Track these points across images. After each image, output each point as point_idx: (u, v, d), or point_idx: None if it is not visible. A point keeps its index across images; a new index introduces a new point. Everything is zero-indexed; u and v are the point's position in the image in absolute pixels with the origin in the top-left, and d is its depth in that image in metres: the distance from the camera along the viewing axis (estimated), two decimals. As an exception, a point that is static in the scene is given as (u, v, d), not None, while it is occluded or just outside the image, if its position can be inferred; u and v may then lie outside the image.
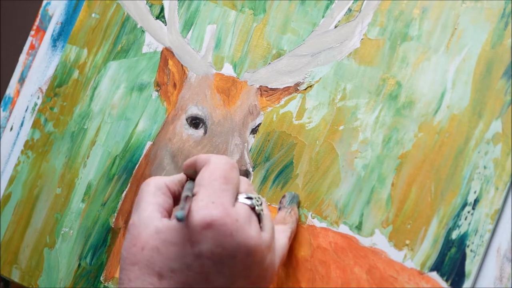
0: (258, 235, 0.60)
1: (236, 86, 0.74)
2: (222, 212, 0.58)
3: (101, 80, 0.80)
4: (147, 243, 0.59)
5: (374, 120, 0.68)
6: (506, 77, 0.64)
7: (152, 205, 0.61)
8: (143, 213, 0.60)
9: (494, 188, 0.63)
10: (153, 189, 0.62)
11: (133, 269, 0.59)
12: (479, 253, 0.62)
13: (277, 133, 0.71)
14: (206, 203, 0.59)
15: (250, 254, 0.59)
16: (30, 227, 0.80)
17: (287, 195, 0.69)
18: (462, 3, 0.67)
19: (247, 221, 0.59)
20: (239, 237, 0.58)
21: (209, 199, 0.59)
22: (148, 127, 0.77)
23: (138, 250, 0.59)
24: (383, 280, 0.64)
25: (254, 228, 0.60)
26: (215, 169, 0.61)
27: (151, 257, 0.59)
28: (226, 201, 0.59)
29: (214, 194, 0.59)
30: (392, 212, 0.65)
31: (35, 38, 0.85)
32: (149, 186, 0.62)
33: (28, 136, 0.82)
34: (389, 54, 0.68)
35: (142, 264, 0.59)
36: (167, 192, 0.62)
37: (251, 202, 0.61)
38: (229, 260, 0.58)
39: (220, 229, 0.58)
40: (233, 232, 0.58)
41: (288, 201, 0.69)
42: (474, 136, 0.64)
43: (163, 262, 0.58)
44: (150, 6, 0.80)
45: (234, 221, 0.58)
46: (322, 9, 0.72)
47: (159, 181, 0.63)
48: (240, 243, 0.58)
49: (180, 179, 0.64)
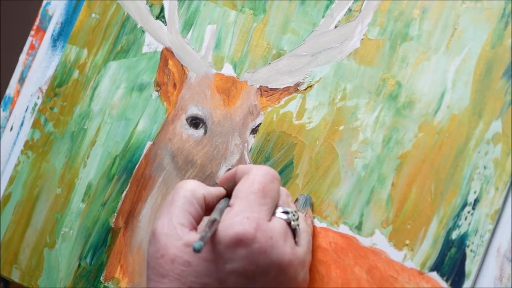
0: (292, 251, 0.59)
1: (236, 86, 0.74)
2: (256, 229, 0.57)
3: (101, 80, 0.80)
4: (176, 257, 0.57)
5: (374, 120, 0.68)
6: (506, 77, 0.64)
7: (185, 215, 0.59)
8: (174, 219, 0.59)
9: (494, 188, 0.63)
10: (189, 194, 0.60)
11: (163, 281, 0.57)
12: (479, 253, 0.62)
13: (277, 133, 0.71)
14: (240, 218, 0.57)
15: (283, 270, 0.58)
16: (30, 227, 0.80)
17: (300, 198, 0.67)
18: (462, 3, 0.67)
19: (281, 237, 0.58)
20: (273, 254, 0.57)
21: (244, 214, 0.57)
22: (148, 127, 0.77)
23: (167, 262, 0.58)
24: (383, 280, 0.64)
25: (289, 244, 0.59)
26: (254, 181, 0.60)
27: (182, 271, 0.57)
28: (261, 217, 0.58)
29: (250, 208, 0.58)
30: (392, 212, 0.65)
31: (35, 38, 0.85)
32: (187, 191, 0.60)
33: (28, 136, 0.82)
34: (389, 54, 0.68)
35: (172, 277, 0.57)
36: (202, 204, 0.61)
37: (287, 217, 0.60)
38: (262, 276, 0.57)
39: (253, 247, 0.57)
40: (267, 249, 0.57)
41: (302, 205, 0.67)
42: (474, 136, 0.64)
43: (195, 277, 0.57)
44: (150, 6, 0.80)
45: (268, 238, 0.57)
46: (322, 9, 0.72)
47: (197, 189, 0.61)
48: (273, 260, 0.57)
49: (218, 194, 0.62)
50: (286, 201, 0.62)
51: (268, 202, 0.59)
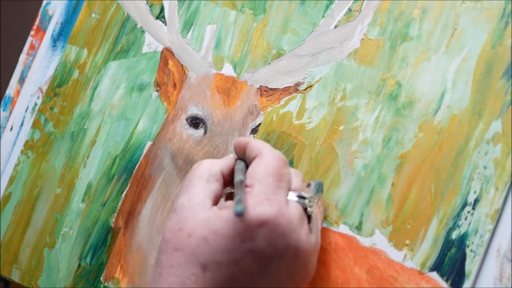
0: (307, 238, 0.59)
1: (236, 86, 0.74)
2: (278, 212, 0.57)
3: (101, 80, 0.80)
4: (194, 231, 0.57)
5: (374, 120, 0.68)
6: (506, 77, 0.64)
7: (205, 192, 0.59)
8: (194, 198, 0.59)
9: (494, 188, 0.63)
10: (206, 174, 0.60)
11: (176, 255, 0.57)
12: (479, 253, 0.62)
13: (277, 133, 0.71)
14: (262, 199, 0.57)
15: (298, 256, 0.58)
16: (30, 227, 0.80)
17: (312, 184, 0.66)
18: (462, 3, 0.67)
19: (299, 223, 0.58)
20: (292, 238, 0.57)
21: (265, 195, 0.57)
22: (148, 127, 0.77)
23: (184, 235, 0.57)
24: (383, 280, 0.64)
25: (305, 231, 0.59)
26: (268, 164, 0.60)
27: (198, 246, 0.57)
28: (281, 200, 0.58)
29: (270, 190, 0.58)
30: (392, 212, 0.65)
31: (35, 38, 0.85)
32: (203, 170, 0.61)
33: (28, 136, 0.82)
34: (389, 54, 0.68)
35: (187, 251, 0.57)
36: (220, 179, 0.61)
37: (304, 203, 0.60)
38: (277, 260, 0.57)
39: (274, 229, 0.57)
40: (286, 233, 0.57)
41: (314, 191, 0.66)
42: (474, 136, 0.64)
43: (210, 253, 0.57)
44: (150, 6, 0.80)
45: (288, 222, 0.57)
46: (322, 9, 0.72)
47: (213, 166, 0.61)
48: (290, 245, 0.57)
49: (231, 163, 0.63)
50: (302, 186, 0.61)
51: (284, 185, 0.59)
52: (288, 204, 0.59)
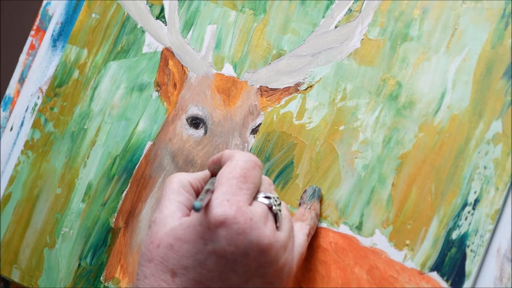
0: (272, 234, 0.59)
1: (236, 86, 0.74)
2: (236, 211, 0.58)
3: (101, 80, 0.80)
4: (162, 241, 0.59)
5: (375, 120, 0.68)
6: (507, 77, 0.64)
7: (174, 204, 0.61)
8: (165, 211, 0.61)
9: (494, 188, 0.63)
10: (176, 186, 0.62)
11: (149, 266, 0.60)
12: (479, 253, 0.62)
13: (277, 133, 0.71)
14: (221, 201, 0.59)
15: (263, 252, 0.59)
16: (30, 227, 0.80)
17: (308, 190, 0.68)
18: (462, 4, 0.67)
19: (262, 220, 0.59)
20: (252, 235, 0.58)
21: (224, 197, 0.59)
22: (148, 127, 0.77)
23: (154, 247, 0.60)
24: (384, 280, 0.64)
25: (269, 228, 0.59)
26: (236, 166, 0.61)
27: (165, 254, 0.59)
28: (241, 200, 0.59)
29: (230, 192, 0.59)
30: (393, 212, 0.65)
31: (35, 38, 0.85)
32: (172, 183, 0.62)
33: (28, 136, 0.82)
34: (389, 55, 0.69)
35: (157, 261, 0.59)
36: (190, 190, 0.62)
37: (269, 202, 0.61)
38: (241, 258, 0.58)
39: (233, 228, 0.58)
40: (246, 230, 0.58)
41: (309, 196, 0.67)
42: (474, 136, 0.64)
43: (176, 260, 0.59)
44: (150, 6, 0.80)
45: (248, 219, 0.58)
46: (322, 9, 0.72)
47: (182, 178, 0.63)
48: (252, 241, 0.58)
49: (204, 176, 0.64)
50: (269, 188, 0.63)
51: (250, 187, 0.60)
52: (252, 204, 0.60)
